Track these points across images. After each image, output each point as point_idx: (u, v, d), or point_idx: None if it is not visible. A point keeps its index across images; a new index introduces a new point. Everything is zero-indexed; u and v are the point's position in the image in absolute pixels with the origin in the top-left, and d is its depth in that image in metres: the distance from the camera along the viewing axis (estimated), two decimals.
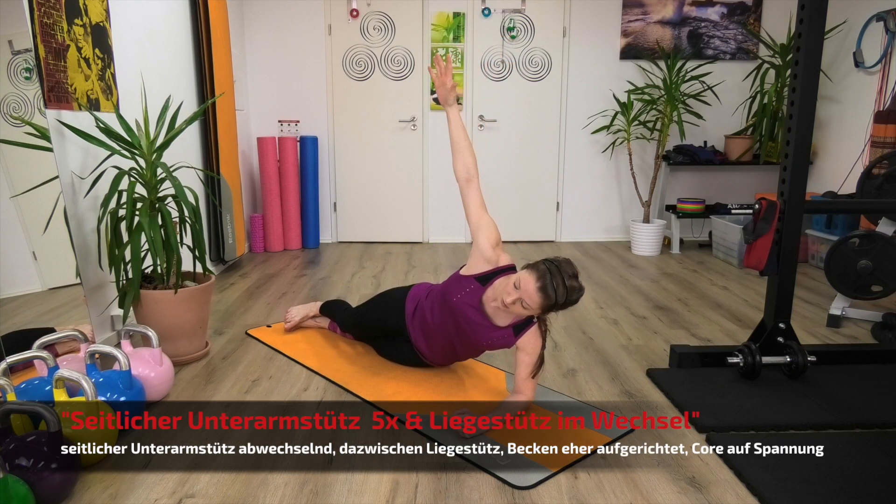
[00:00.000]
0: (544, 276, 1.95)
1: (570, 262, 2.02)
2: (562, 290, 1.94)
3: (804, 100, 2.35)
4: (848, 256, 2.99)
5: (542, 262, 2.00)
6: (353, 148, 5.14)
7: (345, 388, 2.40)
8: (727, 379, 2.45)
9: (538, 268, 1.98)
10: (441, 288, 2.36)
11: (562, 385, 2.44)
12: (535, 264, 2.01)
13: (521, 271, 2.03)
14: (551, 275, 1.95)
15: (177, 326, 2.55)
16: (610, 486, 1.77)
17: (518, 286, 1.98)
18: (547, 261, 2.01)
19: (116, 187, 2.38)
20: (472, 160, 2.33)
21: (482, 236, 2.21)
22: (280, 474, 1.81)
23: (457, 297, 2.21)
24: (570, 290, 1.96)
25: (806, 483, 1.75)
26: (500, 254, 2.21)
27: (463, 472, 1.83)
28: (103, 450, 1.85)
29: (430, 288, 2.49)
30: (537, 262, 2.02)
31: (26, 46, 2.20)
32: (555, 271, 1.96)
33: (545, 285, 1.94)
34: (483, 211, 2.27)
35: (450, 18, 4.96)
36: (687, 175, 5.32)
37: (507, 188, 5.25)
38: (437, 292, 2.37)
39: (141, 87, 2.96)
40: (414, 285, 2.55)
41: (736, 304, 3.52)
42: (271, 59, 4.97)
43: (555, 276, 1.95)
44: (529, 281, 1.96)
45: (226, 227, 4.07)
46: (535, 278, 1.96)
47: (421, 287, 2.53)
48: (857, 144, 4.44)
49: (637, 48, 5.05)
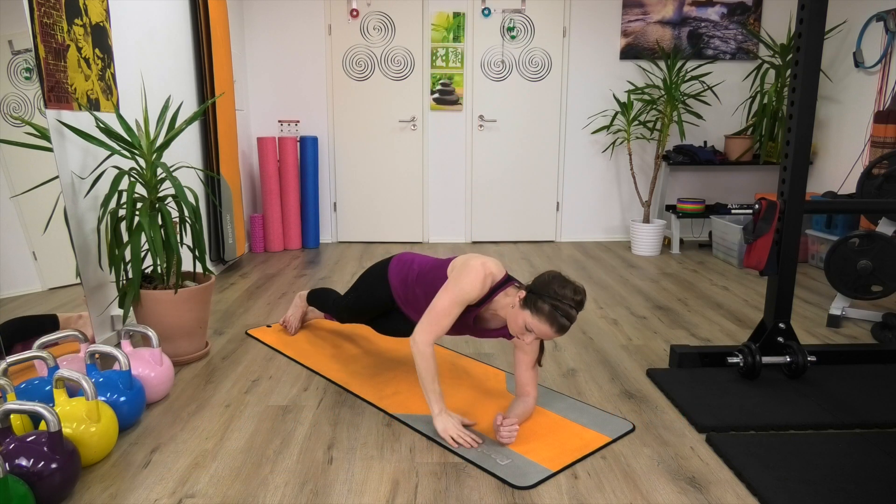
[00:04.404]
0: (553, 318, 1.86)
1: (559, 277, 1.92)
2: (573, 314, 1.87)
3: (804, 100, 2.36)
4: (848, 256, 2.99)
5: (542, 301, 1.87)
6: (353, 148, 5.14)
7: (345, 388, 2.40)
8: (727, 379, 2.45)
9: (541, 309, 1.87)
10: (431, 279, 2.23)
11: (562, 385, 2.44)
12: (536, 305, 1.88)
13: (523, 312, 1.91)
14: (558, 310, 1.85)
15: (177, 326, 2.55)
16: (610, 486, 1.77)
17: (532, 329, 1.90)
18: (543, 295, 1.88)
19: (116, 187, 2.38)
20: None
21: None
22: (280, 474, 1.81)
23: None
24: (579, 305, 1.89)
25: (806, 483, 1.75)
26: (486, 285, 2.04)
27: (463, 472, 1.83)
28: (103, 450, 1.85)
29: (417, 264, 2.32)
30: (533, 297, 1.90)
31: (26, 46, 2.20)
32: (559, 304, 1.86)
33: (560, 325, 1.86)
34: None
35: (450, 18, 4.96)
36: (687, 175, 5.32)
37: (507, 188, 5.25)
38: (430, 283, 2.23)
39: (141, 87, 2.96)
40: (393, 257, 2.41)
41: (736, 304, 3.52)
42: (271, 59, 4.98)
43: (560, 308, 1.86)
44: (542, 327, 1.88)
45: (226, 227, 4.07)
46: (546, 323, 1.87)
47: (402, 259, 2.38)
48: (857, 144, 4.44)
49: (637, 48, 5.05)
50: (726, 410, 2.18)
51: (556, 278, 1.91)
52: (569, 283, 1.90)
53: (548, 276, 1.93)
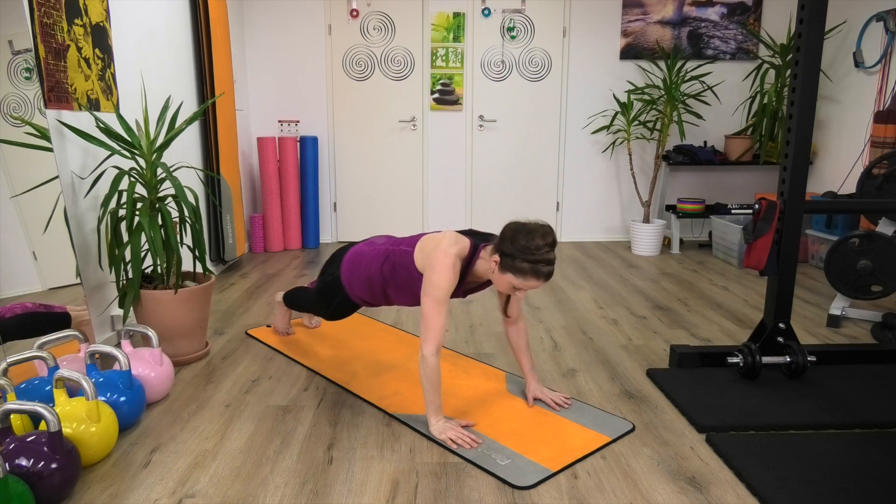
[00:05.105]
0: (536, 272, 1.88)
1: (521, 229, 1.91)
2: (552, 257, 1.89)
3: (804, 100, 2.36)
4: (848, 256, 2.99)
5: (518, 261, 1.89)
6: (353, 148, 5.14)
7: (345, 388, 2.40)
8: (727, 379, 2.45)
9: (522, 269, 1.89)
10: (403, 282, 2.19)
11: (562, 385, 2.44)
12: (515, 266, 1.89)
13: (505, 275, 1.93)
14: (538, 263, 1.87)
15: (177, 326, 2.55)
16: (610, 486, 1.77)
17: (520, 287, 1.94)
18: (516, 255, 1.89)
19: (116, 187, 2.38)
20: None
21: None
22: (280, 474, 1.81)
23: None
24: (553, 246, 1.90)
25: (806, 483, 1.75)
26: (458, 267, 2.03)
27: (463, 472, 1.83)
28: (103, 450, 1.85)
29: (370, 266, 2.24)
30: (507, 259, 1.91)
31: (26, 46, 2.20)
32: (535, 257, 1.87)
33: (546, 274, 1.89)
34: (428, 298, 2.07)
35: (450, 18, 4.96)
36: (687, 175, 5.32)
37: (507, 188, 5.25)
38: (402, 285, 2.19)
39: (141, 87, 2.96)
40: (341, 269, 2.34)
41: (736, 304, 3.52)
42: (271, 59, 4.97)
43: (539, 260, 1.87)
44: (529, 283, 1.91)
45: (226, 227, 4.08)
46: (532, 278, 1.90)
47: (351, 266, 2.31)
48: (857, 144, 4.44)
49: (637, 48, 5.05)
50: (726, 410, 2.18)
51: (520, 231, 1.90)
52: (533, 231, 1.89)
53: (510, 233, 1.92)
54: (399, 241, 2.23)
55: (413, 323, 3.19)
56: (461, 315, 3.31)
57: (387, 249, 2.22)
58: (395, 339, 2.93)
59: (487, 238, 2.10)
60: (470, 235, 2.09)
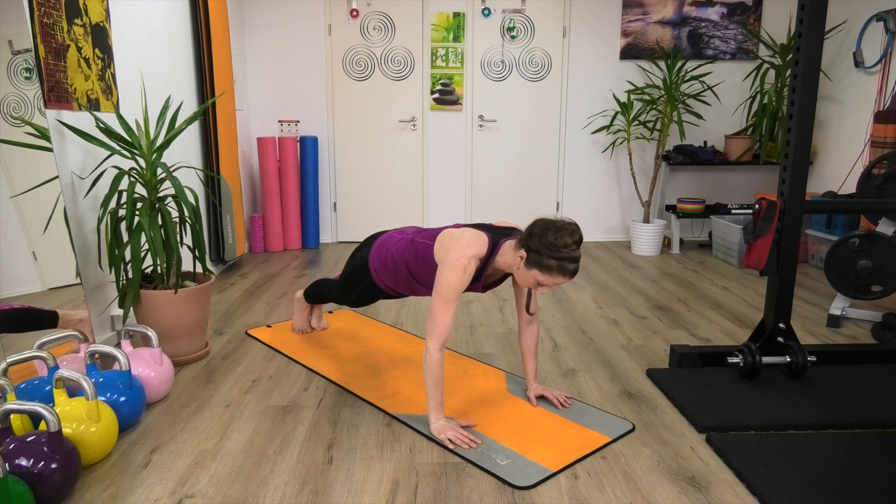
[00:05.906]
0: (563, 269, 1.89)
1: (551, 226, 1.91)
2: (578, 254, 1.91)
3: (804, 100, 2.36)
4: (848, 256, 2.99)
5: (546, 258, 1.88)
6: (353, 148, 5.14)
7: (345, 388, 2.40)
8: (727, 379, 2.45)
9: (549, 266, 1.89)
10: (424, 276, 2.22)
11: (562, 385, 2.44)
12: (542, 263, 1.90)
13: (531, 272, 1.93)
14: (565, 260, 1.88)
15: (177, 326, 2.55)
16: (610, 486, 1.77)
17: (545, 283, 1.94)
18: (544, 252, 1.89)
19: (116, 187, 2.38)
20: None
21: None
22: (280, 474, 1.81)
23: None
24: (579, 244, 1.91)
25: (806, 483, 1.75)
26: (472, 268, 2.04)
27: (463, 472, 1.83)
28: (103, 450, 1.85)
29: (398, 257, 2.27)
30: (534, 256, 1.91)
31: (26, 46, 2.20)
32: (563, 255, 1.88)
33: (572, 271, 1.90)
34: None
35: (450, 18, 4.96)
36: (687, 175, 5.32)
37: (507, 188, 5.25)
38: (423, 280, 2.23)
39: (141, 87, 2.96)
40: (371, 251, 2.36)
41: (736, 304, 3.52)
42: (271, 59, 4.98)
43: (566, 258, 1.88)
44: (556, 279, 1.91)
45: (226, 227, 4.08)
46: (559, 276, 1.90)
47: (380, 251, 2.33)
48: (857, 144, 4.44)
49: (637, 48, 5.05)
50: (726, 410, 2.18)
51: (549, 228, 1.91)
52: (562, 228, 1.90)
53: (539, 229, 1.92)
54: (423, 232, 2.25)
55: (413, 323, 3.19)
56: (461, 315, 3.31)
57: (412, 239, 2.24)
58: (395, 340, 2.93)
59: (508, 233, 2.09)
60: (488, 231, 2.08)
